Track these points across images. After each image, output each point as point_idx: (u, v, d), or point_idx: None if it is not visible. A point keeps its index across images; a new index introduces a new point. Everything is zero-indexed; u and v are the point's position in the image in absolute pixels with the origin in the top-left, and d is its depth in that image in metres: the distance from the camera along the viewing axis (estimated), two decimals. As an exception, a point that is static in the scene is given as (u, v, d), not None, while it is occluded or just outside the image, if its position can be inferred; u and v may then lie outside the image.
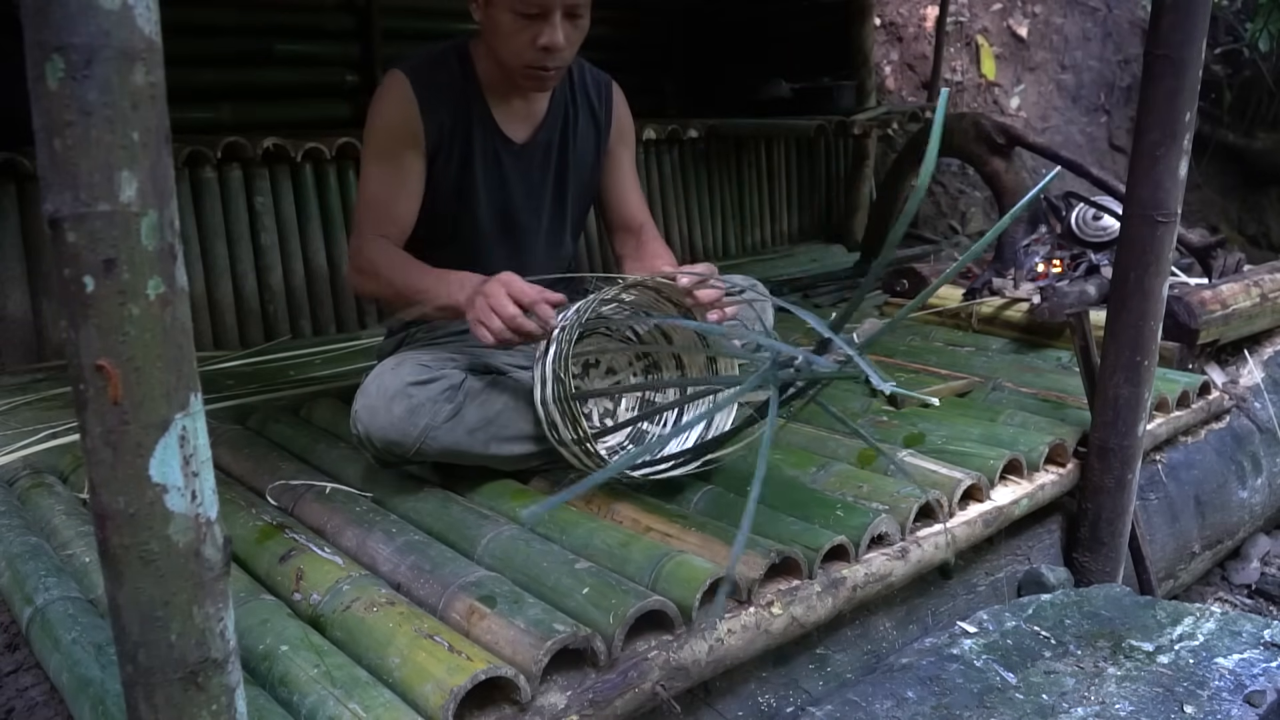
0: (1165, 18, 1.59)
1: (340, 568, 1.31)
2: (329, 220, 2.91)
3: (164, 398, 0.65)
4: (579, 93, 1.77)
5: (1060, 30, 5.43)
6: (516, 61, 1.55)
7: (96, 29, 0.59)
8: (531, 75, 1.57)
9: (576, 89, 1.76)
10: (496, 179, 1.71)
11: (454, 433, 1.49)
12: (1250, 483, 2.28)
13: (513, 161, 1.71)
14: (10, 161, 2.35)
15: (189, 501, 0.68)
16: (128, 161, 0.61)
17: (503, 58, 1.57)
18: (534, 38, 1.51)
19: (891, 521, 1.48)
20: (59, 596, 1.29)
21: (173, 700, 0.71)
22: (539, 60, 1.54)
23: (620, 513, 1.49)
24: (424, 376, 1.49)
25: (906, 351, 2.40)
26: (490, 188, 1.70)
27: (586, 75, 1.79)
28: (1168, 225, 1.66)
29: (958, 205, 4.91)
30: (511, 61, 1.56)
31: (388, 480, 1.61)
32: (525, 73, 1.56)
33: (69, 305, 0.62)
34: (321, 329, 2.89)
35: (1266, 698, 1.28)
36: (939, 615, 1.61)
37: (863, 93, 4.05)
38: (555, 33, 1.51)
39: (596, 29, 1.66)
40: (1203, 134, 5.20)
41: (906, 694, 1.29)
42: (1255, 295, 2.49)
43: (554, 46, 1.52)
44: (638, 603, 1.18)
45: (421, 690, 1.06)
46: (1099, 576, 1.80)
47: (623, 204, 1.85)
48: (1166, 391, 2.07)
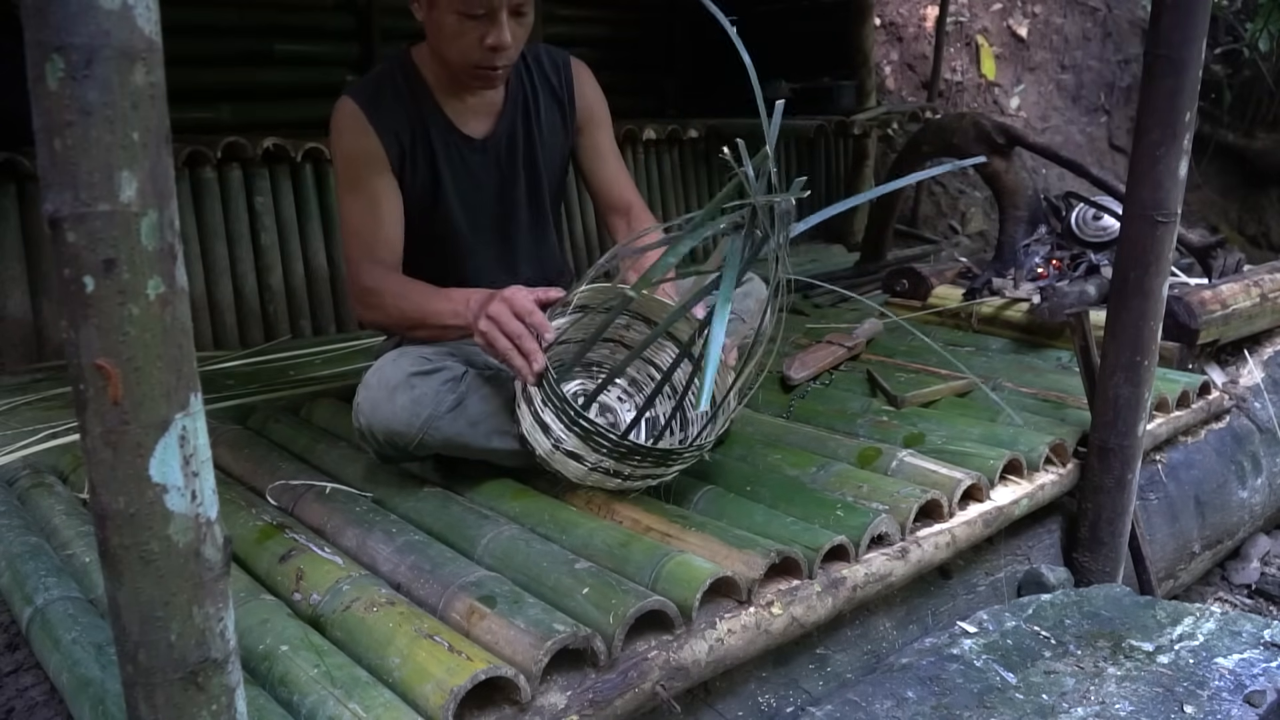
0: (1165, 18, 1.59)
1: (340, 568, 1.31)
2: (329, 220, 2.91)
3: (164, 398, 0.65)
4: (537, 76, 1.74)
5: (1060, 30, 5.43)
6: (463, 61, 1.55)
7: (96, 29, 0.59)
8: (479, 75, 1.57)
9: (534, 73, 1.74)
10: (465, 179, 1.70)
11: (456, 424, 1.49)
12: (1250, 483, 2.28)
13: (478, 159, 1.70)
14: (10, 161, 2.35)
15: (189, 501, 0.67)
16: (128, 161, 0.61)
17: (449, 58, 1.56)
18: (481, 37, 1.51)
19: (891, 521, 1.48)
20: (59, 596, 1.29)
21: (173, 700, 0.71)
22: (487, 60, 1.53)
23: (620, 513, 1.49)
24: (426, 367, 1.49)
25: (906, 351, 2.40)
26: (460, 189, 1.70)
27: (544, 57, 1.76)
28: (1168, 225, 1.66)
29: (958, 205, 4.91)
30: (458, 61, 1.55)
31: (388, 480, 1.61)
32: (472, 73, 1.56)
33: (69, 305, 0.62)
34: (321, 329, 2.89)
35: (1266, 698, 1.28)
36: (939, 615, 1.61)
37: (863, 93, 4.06)
38: (503, 32, 1.50)
39: (596, 29, 1.66)
40: (1203, 134, 5.20)
41: (906, 694, 1.29)
42: (1255, 295, 2.49)
43: (501, 45, 1.51)
44: (638, 603, 1.18)
45: (421, 690, 1.06)
46: (1099, 576, 1.80)
47: (609, 187, 1.82)
48: (1166, 391, 2.07)
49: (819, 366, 2.24)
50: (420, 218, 1.68)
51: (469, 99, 1.68)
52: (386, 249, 1.62)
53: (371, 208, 1.62)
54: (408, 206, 1.66)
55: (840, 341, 2.37)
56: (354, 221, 1.62)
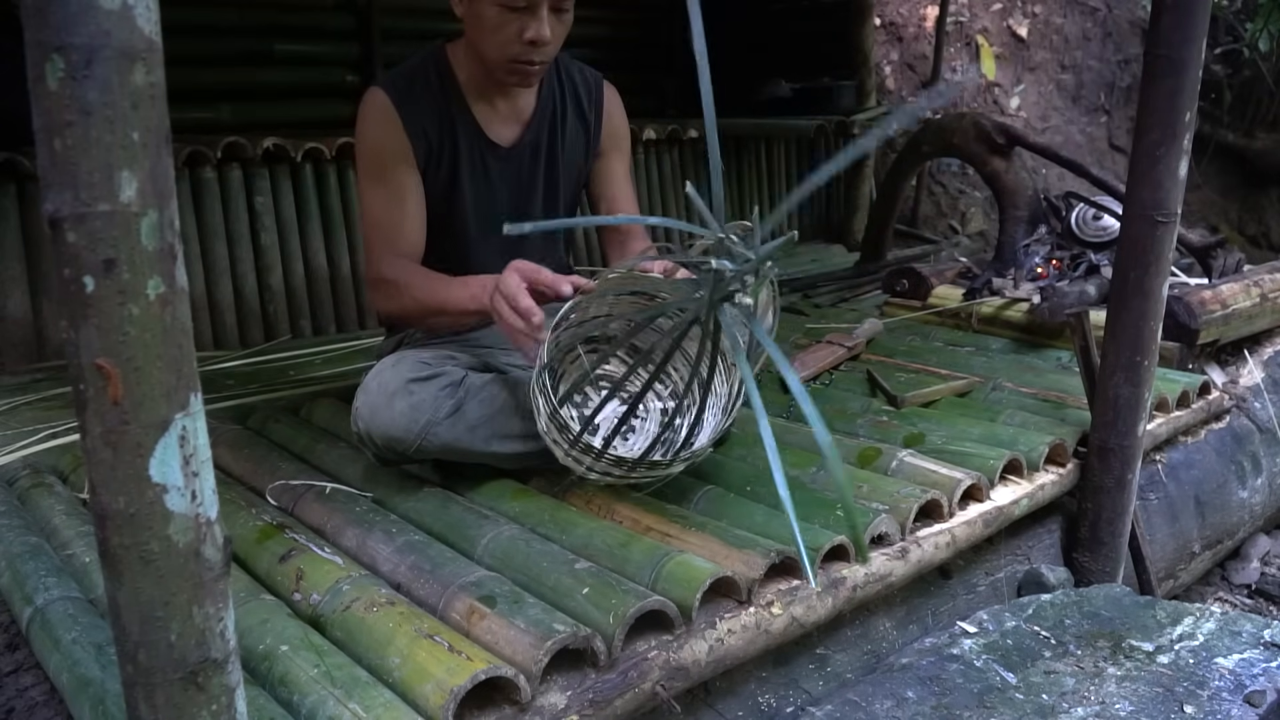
0: (1165, 18, 1.59)
1: (340, 568, 1.31)
2: (329, 220, 2.91)
3: (164, 398, 0.65)
4: (568, 91, 1.75)
5: (1060, 30, 5.43)
6: (501, 55, 1.54)
7: (96, 29, 0.59)
8: (516, 70, 1.56)
9: (565, 87, 1.74)
10: (483, 184, 1.70)
11: (455, 429, 1.49)
12: (1250, 483, 2.28)
13: (500, 165, 1.70)
14: (10, 161, 2.35)
15: (189, 501, 0.67)
16: (128, 161, 0.61)
17: (486, 52, 1.55)
18: (520, 31, 1.50)
19: (891, 521, 1.48)
20: (59, 596, 1.29)
21: (173, 700, 0.71)
22: (525, 54, 1.53)
23: (620, 513, 1.49)
24: (424, 373, 1.49)
25: (906, 351, 2.40)
26: (477, 193, 1.70)
27: (575, 74, 1.77)
28: (1168, 225, 1.66)
29: (958, 205, 4.91)
30: (496, 56, 1.55)
31: (388, 480, 1.61)
32: (510, 67, 1.56)
33: (69, 305, 0.62)
34: (321, 329, 2.89)
35: (1266, 698, 1.28)
36: (939, 615, 1.61)
37: (863, 93, 4.05)
38: (542, 26, 1.50)
39: (596, 29, 1.66)
40: (1203, 134, 5.20)
41: (906, 694, 1.29)
42: (1255, 295, 2.49)
43: (540, 40, 1.51)
44: (638, 603, 1.18)
45: (421, 690, 1.06)
46: (1099, 576, 1.80)
47: (613, 212, 1.84)
48: (1166, 391, 2.07)
49: (819, 366, 2.24)
50: (433, 216, 1.68)
51: (499, 103, 1.67)
52: (407, 242, 1.62)
53: (396, 200, 1.61)
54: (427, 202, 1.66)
55: (840, 341, 2.37)
56: (376, 213, 1.62)
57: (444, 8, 1.60)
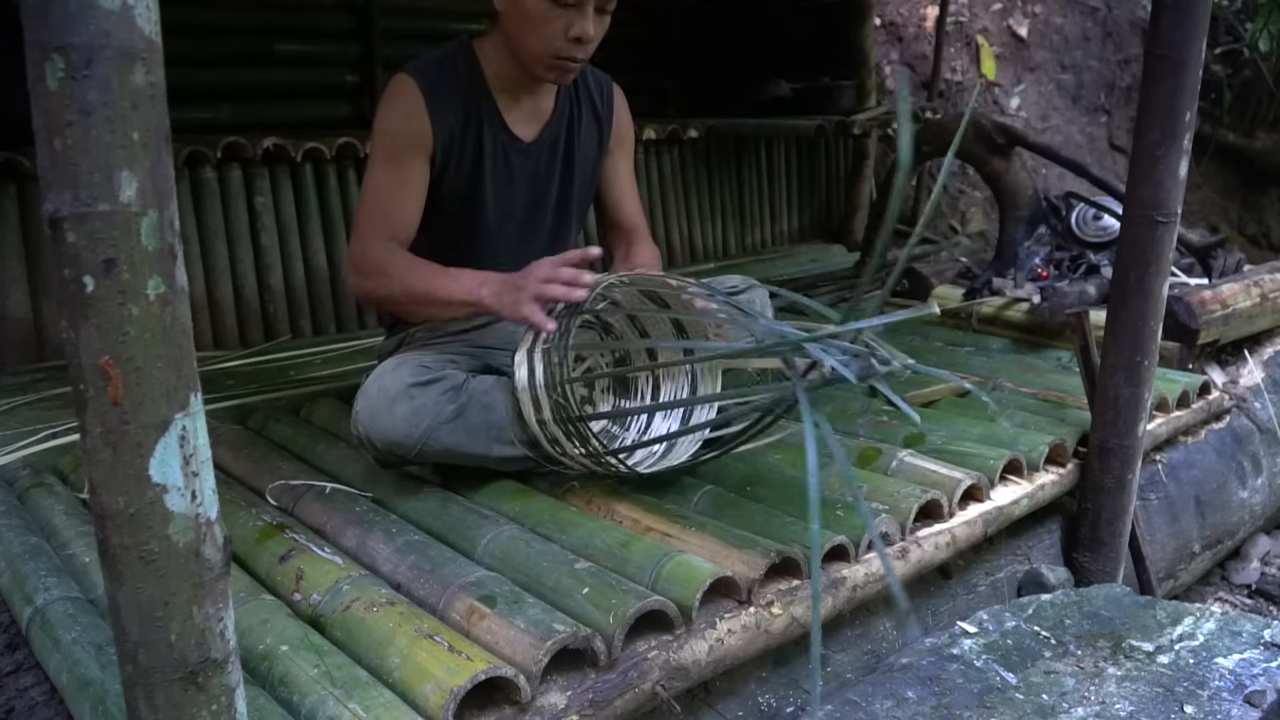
0: (1165, 18, 1.59)
1: (340, 568, 1.31)
2: (329, 220, 2.91)
3: (164, 398, 0.65)
4: (582, 91, 1.77)
5: (1060, 30, 5.43)
6: (544, 51, 1.55)
7: (96, 29, 0.59)
8: (556, 65, 1.57)
9: (580, 87, 1.77)
10: (504, 178, 1.71)
11: (456, 433, 1.49)
12: (1250, 483, 2.28)
13: (520, 160, 1.71)
14: (10, 161, 2.35)
15: (189, 501, 0.67)
16: (128, 161, 0.61)
17: (530, 46, 1.56)
18: (566, 27, 1.52)
19: (891, 522, 1.48)
20: (59, 596, 1.29)
21: (173, 700, 0.71)
22: (568, 51, 1.54)
23: (620, 513, 1.49)
24: (425, 378, 1.49)
25: (907, 352, 2.39)
26: (498, 187, 1.70)
27: (588, 74, 1.79)
28: (1168, 225, 1.66)
29: (958, 205, 4.91)
30: (539, 50, 1.55)
31: (388, 480, 1.61)
32: (551, 63, 1.56)
33: (69, 305, 0.62)
34: (321, 329, 2.89)
35: (1266, 698, 1.28)
36: (939, 615, 1.61)
37: (863, 93, 4.05)
38: (588, 23, 1.52)
39: (597, 29, 1.66)
40: (1203, 134, 5.20)
41: (906, 694, 1.29)
42: (1255, 295, 2.49)
43: (585, 37, 1.53)
44: (638, 603, 1.18)
45: (421, 690, 1.06)
46: (1099, 576, 1.80)
47: (618, 208, 1.87)
48: (1166, 391, 2.07)
49: (819, 366, 2.24)
50: (452, 208, 1.68)
51: (524, 100, 1.68)
52: (400, 228, 1.62)
53: (400, 184, 1.61)
54: (442, 196, 1.66)
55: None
56: (378, 190, 1.62)
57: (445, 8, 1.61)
